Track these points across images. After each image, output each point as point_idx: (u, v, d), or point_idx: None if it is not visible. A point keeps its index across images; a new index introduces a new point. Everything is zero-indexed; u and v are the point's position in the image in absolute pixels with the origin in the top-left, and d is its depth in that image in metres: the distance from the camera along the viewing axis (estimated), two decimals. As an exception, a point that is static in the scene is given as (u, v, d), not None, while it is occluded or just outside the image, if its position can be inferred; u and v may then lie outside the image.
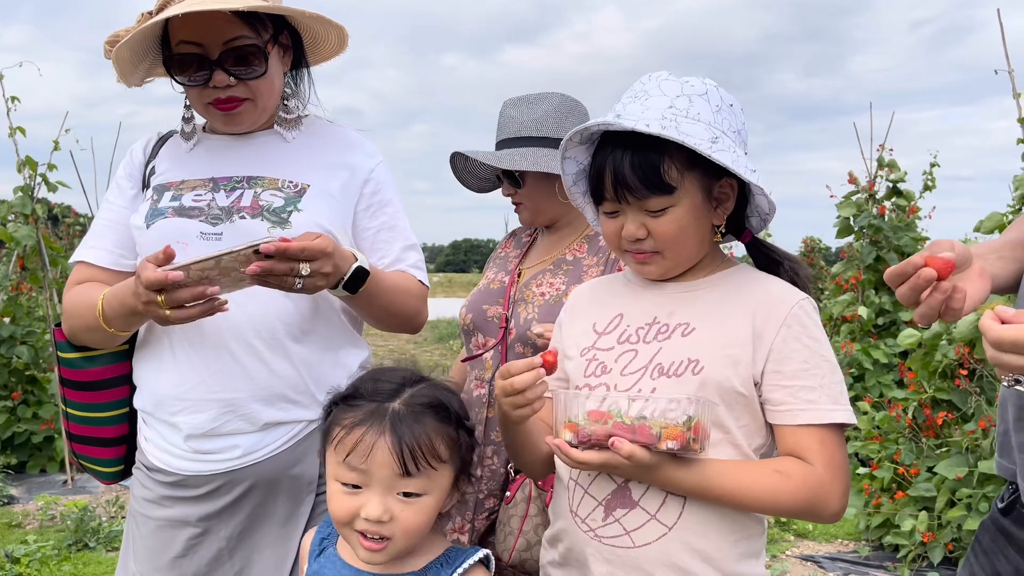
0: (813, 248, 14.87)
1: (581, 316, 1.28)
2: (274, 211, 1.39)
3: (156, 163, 1.50)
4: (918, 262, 0.99)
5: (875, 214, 5.72)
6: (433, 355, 12.48)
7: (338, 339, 1.46)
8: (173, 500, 1.42)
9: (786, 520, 4.23)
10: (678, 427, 1.04)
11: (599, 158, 1.14)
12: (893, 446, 3.96)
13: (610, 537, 1.13)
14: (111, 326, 1.34)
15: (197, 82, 1.36)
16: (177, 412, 1.38)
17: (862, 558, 3.77)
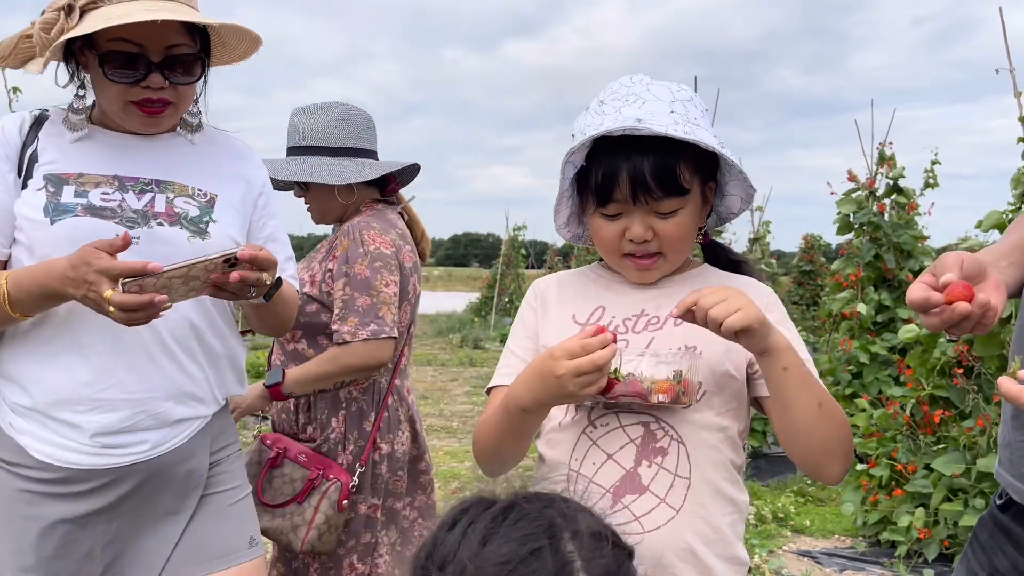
0: (813, 245, 14.90)
1: (555, 307, 1.29)
2: (191, 220, 1.44)
3: (37, 148, 1.42)
4: (939, 298, 1.00)
5: (875, 211, 5.72)
6: (432, 349, 12.51)
7: (230, 340, 1.54)
8: (50, 497, 1.39)
9: (783, 516, 4.26)
10: (667, 381, 1.10)
11: (608, 161, 1.15)
12: (891, 443, 3.97)
13: (618, 524, 1.15)
14: (16, 310, 1.30)
15: (132, 80, 1.36)
16: (86, 411, 1.37)
17: (858, 554, 3.78)
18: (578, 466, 1.19)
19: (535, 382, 1.10)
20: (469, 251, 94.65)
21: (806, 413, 1.10)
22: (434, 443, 6.22)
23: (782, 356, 1.10)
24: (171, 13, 1.31)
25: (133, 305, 1.21)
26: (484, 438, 1.24)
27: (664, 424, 1.17)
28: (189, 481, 1.48)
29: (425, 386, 8.90)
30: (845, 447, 1.13)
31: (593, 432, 1.19)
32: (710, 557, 1.15)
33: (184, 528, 1.49)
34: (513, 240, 15.66)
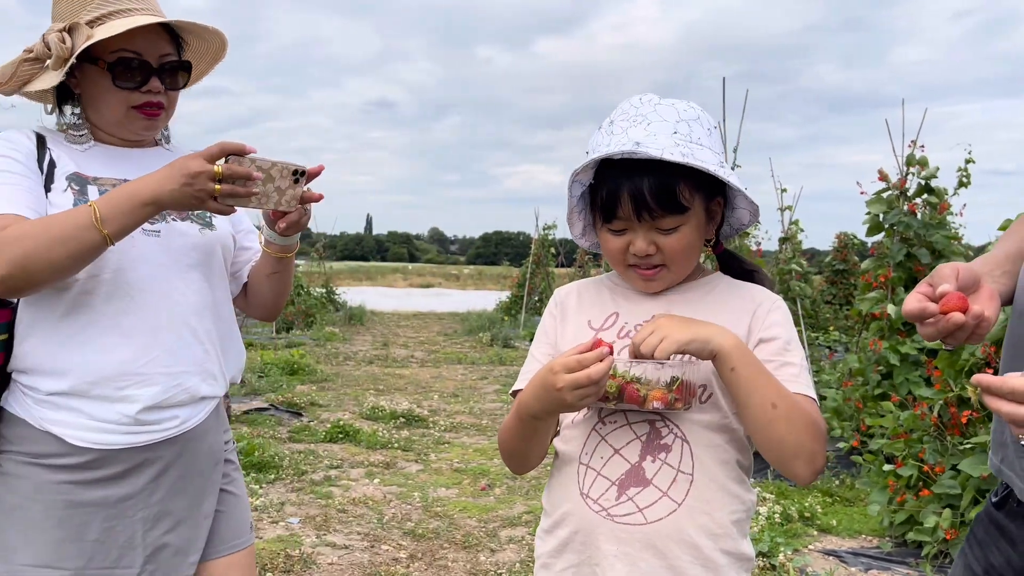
0: (847, 244, 14.73)
1: (573, 316, 1.37)
2: (197, 215, 1.61)
3: (52, 156, 1.52)
4: (934, 308, 1.05)
5: (905, 211, 5.69)
6: (462, 347, 12.62)
7: (233, 326, 1.69)
8: (85, 484, 1.46)
9: (810, 515, 4.27)
10: (660, 389, 1.17)
11: (612, 181, 1.22)
12: (918, 444, 3.97)
13: (623, 515, 1.22)
14: (106, 226, 1.35)
15: (132, 86, 1.52)
16: (128, 386, 1.47)
17: (884, 554, 3.80)
18: (588, 459, 1.26)
19: (541, 392, 1.19)
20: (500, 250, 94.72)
21: (759, 413, 1.15)
22: (464, 440, 6.32)
23: (729, 358, 1.16)
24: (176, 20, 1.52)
25: (240, 174, 1.35)
26: (505, 441, 1.34)
27: (669, 423, 1.24)
28: (210, 457, 1.61)
29: (455, 384, 9.00)
30: (808, 449, 1.16)
31: (602, 428, 1.27)
32: (712, 550, 1.21)
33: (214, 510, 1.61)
34: (543, 239, 15.71)
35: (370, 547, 3.90)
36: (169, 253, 1.53)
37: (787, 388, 1.19)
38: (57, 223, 1.35)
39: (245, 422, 6.41)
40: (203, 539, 1.58)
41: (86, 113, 1.57)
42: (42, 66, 1.49)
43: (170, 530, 1.53)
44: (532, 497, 4.78)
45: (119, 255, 1.46)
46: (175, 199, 1.35)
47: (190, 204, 1.36)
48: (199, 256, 1.57)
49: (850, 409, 5.46)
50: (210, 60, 1.68)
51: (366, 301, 18.33)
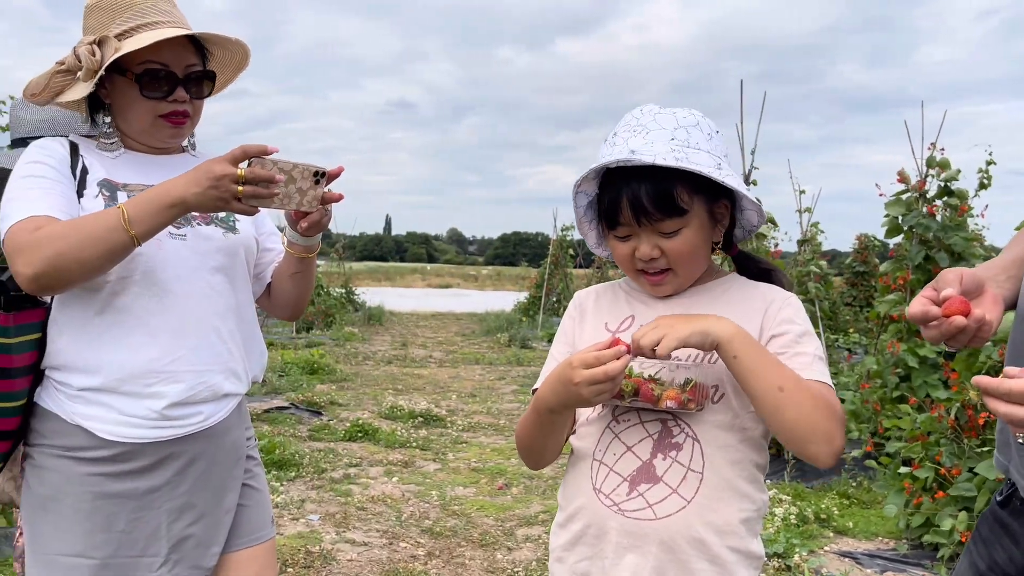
0: (867, 245, 14.62)
1: (591, 318, 1.41)
2: (221, 219, 1.66)
3: (85, 162, 1.59)
4: (937, 312, 1.08)
5: (924, 213, 5.67)
6: (480, 348, 12.68)
7: (256, 328, 1.76)
8: (115, 477, 1.52)
9: (826, 517, 4.28)
10: (674, 388, 1.21)
11: (612, 189, 1.27)
12: (935, 447, 3.97)
13: (633, 511, 1.26)
14: (133, 228, 1.40)
15: (159, 96, 1.58)
16: (155, 383, 1.53)
17: (900, 556, 3.80)
18: (601, 456, 1.30)
19: (558, 387, 1.22)
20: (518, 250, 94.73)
21: (766, 397, 1.17)
22: (481, 440, 6.37)
23: (730, 346, 1.18)
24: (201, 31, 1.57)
25: (263, 176, 1.39)
26: (522, 436, 1.38)
27: (681, 422, 1.27)
28: (233, 452, 1.66)
29: (473, 384, 9.06)
30: (823, 429, 1.17)
31: (616, 426, 1.31)
32: (721, 548, 1.24)
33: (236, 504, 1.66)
34: (561, 240, 15.73)
35: (388, 544, 3.96)
36: (195, 256, 1.59)
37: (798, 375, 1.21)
38: (87, 224, 1.41)
39: (266, 420, 6.50)
40: (225, 531, 1.63)
41: (116, 122, 1.63)
42: (73, 77, 1.56)
43: (194, 522, 1.59)
44: (549, 497, 4.82)
45: (147, 258, 1.52)
46: (200, 201, 1.40)
47: (215, 206, 1.41)
48: (223, 259, 1.63)
49: (867, 411, 5.45)
50: (233, 69, 1.74)
51: (385, 301, 18.43)
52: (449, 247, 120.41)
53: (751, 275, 1.40)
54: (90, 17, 1.59)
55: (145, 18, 1.56)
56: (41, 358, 1.56)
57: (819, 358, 1.26)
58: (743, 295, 1.34)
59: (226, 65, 1.72)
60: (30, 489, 1.57)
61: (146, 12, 1.57)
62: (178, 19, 1.61)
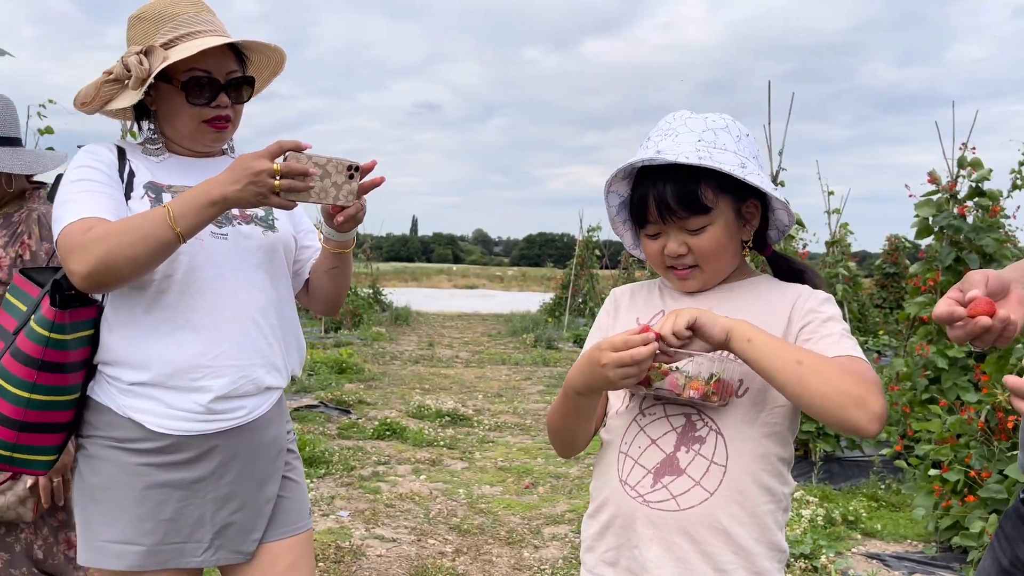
0: (897, 246, 14.45)
1: (624, 313, 1.46)
2: (261, 218, 1.72)
3: (132, 166, 1.66)
4: (963, 312, 1.10)
5: (955, 214, 5.62)
6: (506, 348, 12.73)
7: (295, 324, 1.81)
8: (163, 467, 1.59)
9: (854, 519, 4.27)
10: (699, 380, 1.24)
11: (641, 188, 1.32)
12: (965, 449, 3.95)
13: (657, 502, 1.29)
14: (178, 224, 1.46)
15: (203, 102, 1.65)
16: (200, 378, 1.59)
17: (928, 558, 3.78)
18: (627, 448, 1.34)
19: (586, 368, 1.26)
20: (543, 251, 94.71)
21: (788, 374, 1.17)
22: (508, 439, 6.41)
23: (742, 332, 1.21)
24: (241, 39, 1.63)
25: (298, 170, 1.43)
26: (552, 421, 1.43)
27: (705, 417, 1.30)
28: (274, 445, 1.72)
29: (499, 384, 9.11)
30: (854, 395, 1.15)
31: (641, 419, 1.35)
32: (744, 539, 1.27)
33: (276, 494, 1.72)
34: (587, 241, 15.74)
35: (417, 541, 4.02)
36: (236, 254, 1.65)
37: (825, 354, 1.22)
38: (135, 223, 1.48)
39: (296, 418, 6.60)
40: (265, 520, 1.69)
41: (161, 127, 1.70)
42: (121, 86, 1.63)
43: (236, 510, 1.65)
44: (575, 496, 4.85)
45: (190, 257, 1.59)
46: (240, 197, 1.45)
47: (255, 201, 1.45)
48: (263, 256, 1.69)
49: (897, 414, 5.42)
50: (270, 73, 1.80)
51: (411, 302, 18.56)
52: (475, 248, 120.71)
53: (784, 275, 1.42)
54: (134, 28, 1.65)
55: (188, 27, 1.63)
56: (94, 354, 1.63)
57: (846, 336, 1.26)
58: (772, 294, 1.37)
59: (263, 69, 1.79)
60: (82, 479, 1.64)
61: (189, 22, 1.63)
62: (218, 27, 1.67)
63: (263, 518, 1.69)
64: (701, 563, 1.27)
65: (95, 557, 1.60)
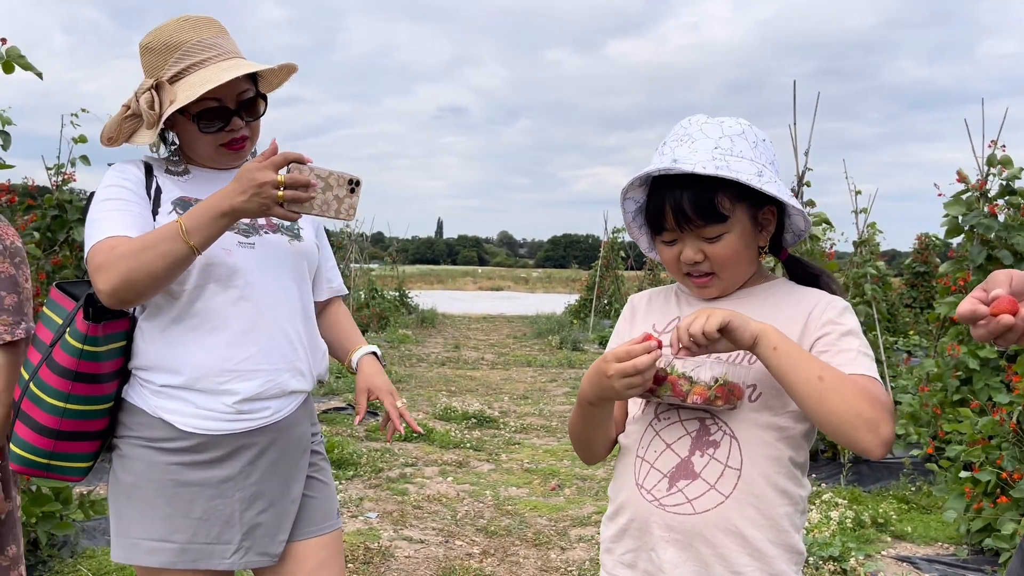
0: (928, 245, 14.26)
1: (641, 319, 1.47)
2: (287, 228, 1.77)
3: (159, 183, 1.71)
4: (985, 311, 1.11)
5: (985, 213, 5.54)
6: (532, 350, 12.74)
7: (317, 332, 1.86)
8: (193, 466, 1.64)
9: (883, 521, 4.23)
10: (703, 386, 1.25)
11: (657, 196, 1.33)
12: (996, 451, 3.90)
13: (673, 505, 1.31)
14: (192, 238, 1.50)
15: (217, 128, 1.68)
16: (228, 381, 1.64)
17: (960, 561, 3.74)
18: (643, 453, 1.36)
19: (594, 379, 1.29)
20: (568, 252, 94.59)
21: (807, 388, 1.19)
22: (534, 441, 6.43)
23: (769, 338, 1.22)
24: (242, 68, 1.64)
25: (301, 181, 1.46)
26: (572, 429, 1.46)
27: (719, 421, 1.32)
28: (299, 445, 1.77)
29: (525, 386, 9.13)
30: (867, 417, 1.17)
31: (657, 424, 1.37)
32: (760, 541, 1.28)
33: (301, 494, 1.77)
34: (612, 242, 15.71)
35: (444, 542, 4.05)
36: (263, 263, 1.69)
37: (842, 371, 1.23)
38: (152, 240, 1.53)
39: (324, 421, 6.68)
40: (291, 520, 1.73)
41: (183, 150, 1.76)
42: (140, 121, 1.69)
43: (263, 510, 1.70)
44: (601, 497, 4.86)
45: (219, 267, 1.64)
46: (247, 208, 1.48)
47: (260, 211, 1.49)
48: (289, 265, 1.74)
49: (927, 415, 5.36)
50: (284, 76, 1.83)
51: (437, 304, 18.64)
52: (500, 250, 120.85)
53: (800, 279, 1.43)
54: (145, 57, 1.69)
55: (194, 56, 1.65)
56: (127, 362, 1.69)
57: (864, 354, 1.28)
58: (789, 298, 1.38)
59: (275, 76, 1.82)
60: (116, 477, 1.69)
61: (194, 51, 1.65)
62: (226, 48, 1.68)
63: (289, 519, 1.73)
64: (718, 566, 1.28)
65: (128, 554, 1.66)
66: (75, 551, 3.55)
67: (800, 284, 1.42)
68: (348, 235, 15.56)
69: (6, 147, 3.28)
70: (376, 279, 16.07)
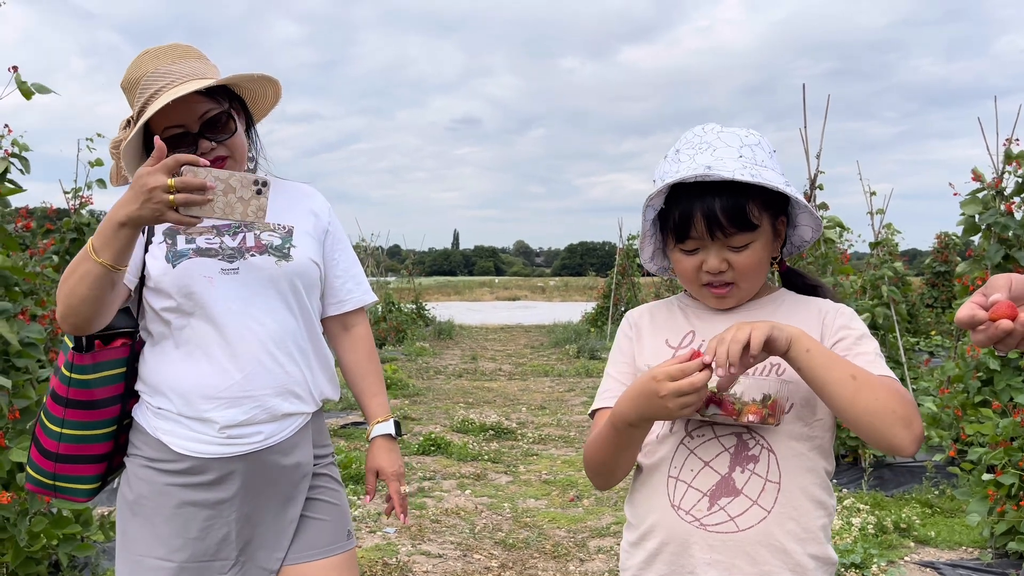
0: (947, 244, 14.11)
1: (649, 336, 1.44)
2: (276, 248, 1.73)
3: None
4: (984, 316, 1.10)
5: (1002, 211, 5.48)
6: (549, 359, 12.73)
7: (322, 351, 1.82)
8: (190, 487, 1.65)
9: (906, 526, 4.18)
10: (755, 404, 1.24)
11: (684, 203, 1.30)
12: (1019, 452, 3.84)
13: (715, 524, 1.28)
14: (100, 255, 1.46)
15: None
16: (214, 408, 1.64)
17: (984, 565, 3.69)
18: (677, 473, 1.33)
19: (641, 400, 1.23)
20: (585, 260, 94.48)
21: (842, 387, 1.19)
22: (552, 452, 6.42)
23: (802, 341, 1.21)
24: (177, 91, 1.60)
25: (193, 184, 1.39)
26: (594, 455, 1.39)
27: (755, 435, 1.30)
28: (297, 471, 1.76)
29: (542, 397, 9.12)
30: (901, 414, 1.18)
31: (690, 442, 1.33)
32: (801, 555, 1.27)
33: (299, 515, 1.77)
34: (628, 249, 15.67)
35: (463, 556, 4.05)
36: (246, 288, 1.69)
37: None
38: (73, 264, 1.53)
39: (342, 436, 6.70)
40: (287, 539, 1.74)
41: None
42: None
43: (259, 529, 1.72)
44: (620, 508, 4.84)
45: (201, 295, 1.65)
46: (141, 215, 1.42)
47: (154, 217, 1.42)
48: (276, 287, 1.71)
49: (948, 417, 5.29)
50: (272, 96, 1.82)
51: (454, 316, 18.68)
52: (516, 259, 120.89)
53: (799, 291, 1.44)
54: (124, 96, 1.73)
55: (149, 89, 1.65)
56: (131, 386, 1.72)
57: (880, 356, 1.29)
58: (797, 308, 1.38)
59: (261, 98, 1.80)
60: (121, 494, 1.73)
61: (150, 82, 1.65)
62: (180, 73, 1.65)
63: (286, 537, 1.74)
64: None
65: (131, 570, 1.68)
66: (96, 572, 3.58)
67: (800, 295, 1.43)
68: (364, 249, 15.64)
69: (26, 172, 3.34)
70: (393, 292, 16.13)
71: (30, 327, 3.16)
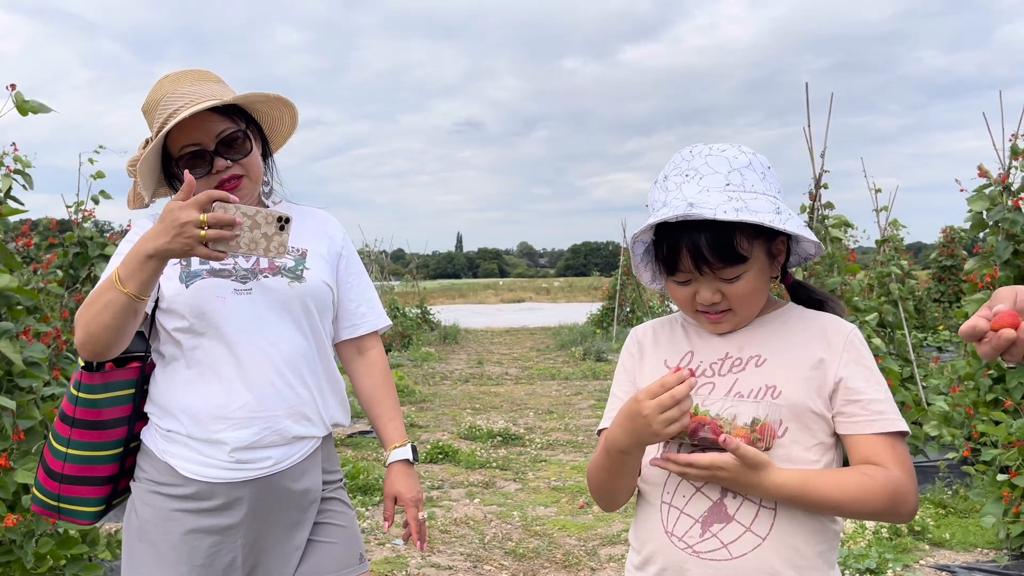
0: (953, 238, 14.05)
1: (650, 354, 1.42)
2: (289, 270, 1.72)
3: None
4: (986, 326, 1.07)
5: (1010, 207, 5.44)
6: (555, 363, 12.70)
7: (334, 374, 1.81)
8: (197, 513, 1.63)
9: (920, 529, 4.14)
10: (744, 428, 1.21)
11: (671, 238, 1.26)
12: (1033, 452, 3.80)
13: (708, 551, 1.26)
14: (126, 285, 1.47)
15: (204, 172, 1.66)
16: (223, 430, 1.63)
17: (1000, 567, 3.64)
18: (670, 499, 1.31)
19: (627, 424, 1.23)
20: (589, 260, 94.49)
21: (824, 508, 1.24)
22: (560, 457, 6.38)
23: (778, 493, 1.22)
24: (191, 109, 1.61)
25: (225, 220, 1.42)
26: (594, 479, 1.39)
27: None
28: (306, 497, 1.74)
29: (550, 401, 9.08)
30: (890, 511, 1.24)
31: None
32: None
33: (307, 541, 1.74)
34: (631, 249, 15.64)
35: (473, 567, 4.01)
36: (259, 309, 1.67)
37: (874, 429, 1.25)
38: (97, 292, 1.53)
39: (350, 445, 6.67)
40: (293, 566, 1.72)
41: None
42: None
43: (266, 555, 1.70)
44: (630, 514, 4.79)
45: (215, 315, 1.64)
46: (170, 249, 1.44)
47: (184, 251, 1.44)
48: (289, 308, 1.70)
49: (960, 416, 5.25)
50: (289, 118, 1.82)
51: (459, 319, 18.67)
52: (520, 261, 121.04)
53: (805, 304, 1.40)
54: (145, 118, 1.73)
55: (168, 109, 1.65)
56: (139, 408, 1.70)
57: (890, 401, 1.26)
58: (803, 324, 1.35)
59: (278, 121, 1.80)
60: (128, 518, 1.71)
61: (169, 103, 1.65)
62: (199, 94, 1.66)
63: (292, 563, 1.72)
64: None
65: None
66: (105, 591, 3.56)
67: (807, 308, 1.39)
68: (368, 254, 15.63)
69: (29, 187, 3.33)
70: (397, 297, 16.13)
71: (33, 346, 3.14)
